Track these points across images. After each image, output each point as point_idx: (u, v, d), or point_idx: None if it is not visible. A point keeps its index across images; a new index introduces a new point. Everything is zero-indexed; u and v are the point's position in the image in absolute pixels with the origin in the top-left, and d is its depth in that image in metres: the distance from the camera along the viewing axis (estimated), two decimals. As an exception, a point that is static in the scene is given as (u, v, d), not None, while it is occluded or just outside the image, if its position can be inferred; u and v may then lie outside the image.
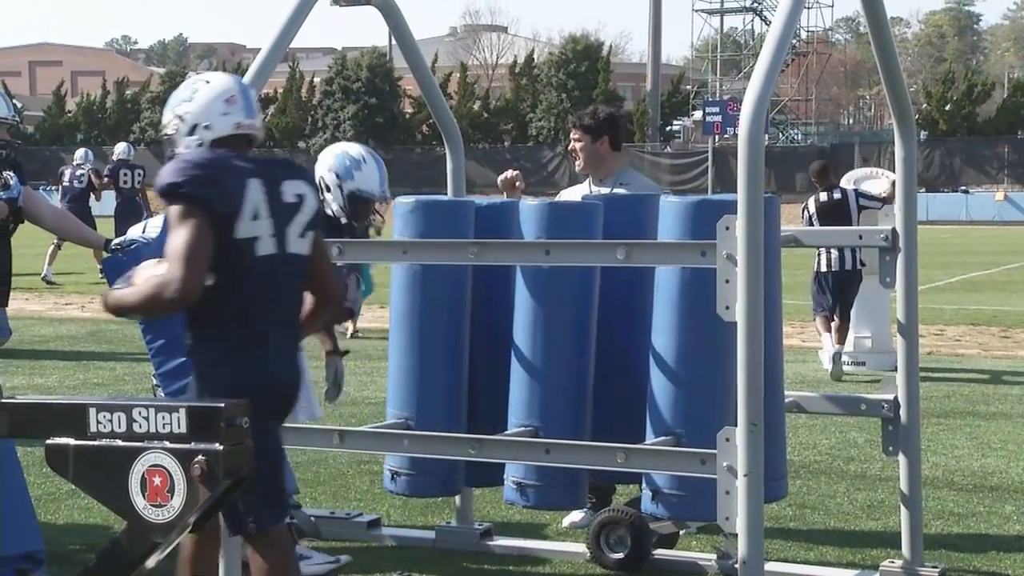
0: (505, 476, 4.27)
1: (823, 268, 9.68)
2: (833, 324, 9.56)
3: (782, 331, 4.27)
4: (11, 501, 4.28)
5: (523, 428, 4.06)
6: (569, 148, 5.21)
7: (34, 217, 5.26)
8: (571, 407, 4.11)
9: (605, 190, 5.04)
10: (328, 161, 4.66)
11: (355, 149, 4.68)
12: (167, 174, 3.24)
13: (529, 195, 5.16)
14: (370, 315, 13.81)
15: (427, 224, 4.18)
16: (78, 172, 16.36)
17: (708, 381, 3.91)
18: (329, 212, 4.55)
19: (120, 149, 17.21)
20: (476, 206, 4.44)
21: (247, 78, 3.96)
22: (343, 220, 4.59)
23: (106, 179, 16.67)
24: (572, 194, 5.27)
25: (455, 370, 4.31)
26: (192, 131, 3.34)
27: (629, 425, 4.20)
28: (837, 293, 9.58)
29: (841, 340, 9.56)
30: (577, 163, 5.20)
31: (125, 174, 16.69)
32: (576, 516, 5.02)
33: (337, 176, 4.60)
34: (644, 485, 4.07)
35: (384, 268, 4.73)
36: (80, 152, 17.18)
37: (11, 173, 4.69)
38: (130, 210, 16.31)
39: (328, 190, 4.59)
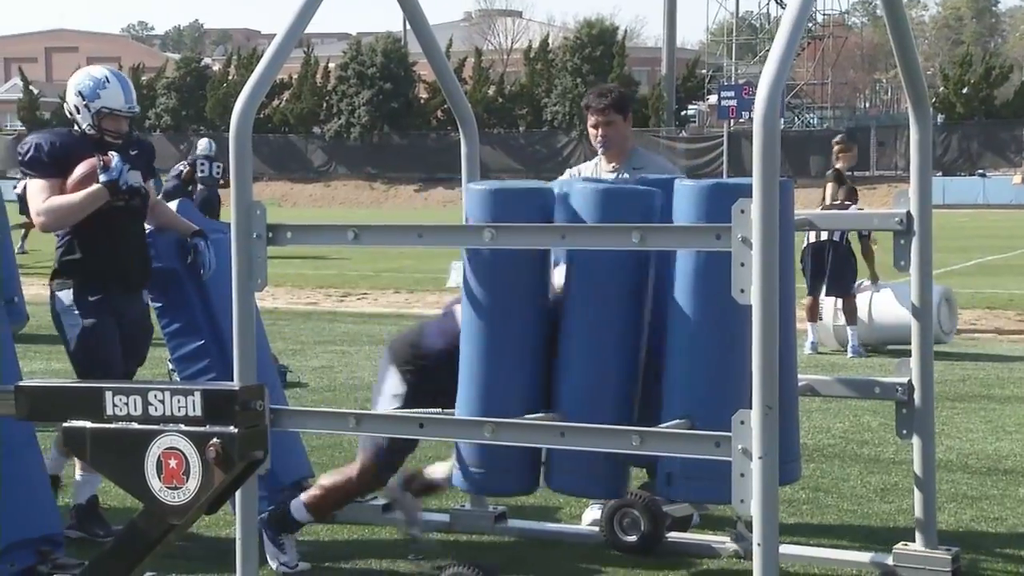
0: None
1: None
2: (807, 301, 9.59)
3: (795, 314, 4.25)
4: (30, 484, 4.32)
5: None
6: (600, 132, 5.00)
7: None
8: (616, 395, 4.01)
9: (613, 175, 4.99)
10: (73, 85, 4.82)
11: (98, 71, 4.85)
12: None
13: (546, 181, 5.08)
14: (384, 300, 13.86)
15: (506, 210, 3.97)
16: (215, 166, 17.96)
17: (723, 364, 3.88)
18: (83, 131, 4.75)
19: (202, 145, 18.40)
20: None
21: (262, 64, 3.97)
22: (94, 135, 4.75)
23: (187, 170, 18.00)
24: (584, 172, 5.19)
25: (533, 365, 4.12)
26: None
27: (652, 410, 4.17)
28: (813, 266, 9.58)
29: (812, 317, 9.60)
30: (602, 146, 5.03)
31: (202, 164, 18.06)
32: (596, 513, 5.02)
33: (83, 97, 4.76)
34: (658, 468, 4.07)
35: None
36: (204, 142, 18.52)
37: (115, 153, 4.70)
38: (209, 201, 17.70)
39: (78, 112, 4.78)
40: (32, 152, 4.73)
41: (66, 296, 4.79)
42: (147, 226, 5.28)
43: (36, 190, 4.73)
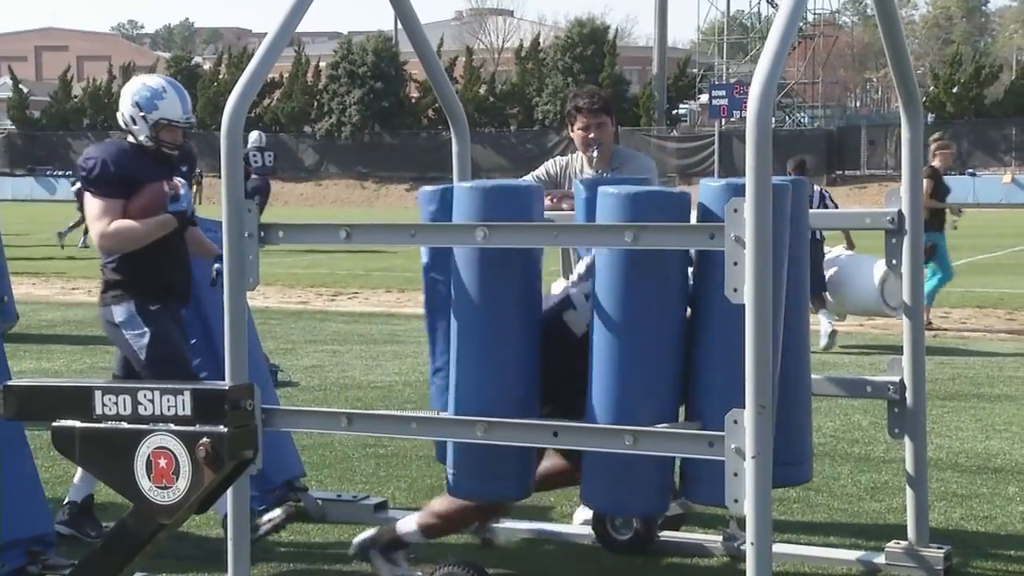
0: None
1: None
2: None
3: (808, 316, 4.21)
4: (21, 484, 4.30)
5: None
6: (592, 135, 4.96)
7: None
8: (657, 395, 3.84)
9: (594, 174, 4.98)
10: (128, 95, 4.75)
11: (154, 80, 4.77)
12: None
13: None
14: (375, 299, 13.84)
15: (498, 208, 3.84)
16: (267, 155, 20.02)
17: (724, 365, 3.82)
18: (140, 142, 4.70)
19: (253, 137, 20.11)
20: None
21: (253, 62, 3.95)
22: (151, 146, 4.70)
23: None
24: (569, 165, 5.17)
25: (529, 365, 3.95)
26: None
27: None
28: None
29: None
30: (596, 148, 4.97)
31: (255, 155, 19.86)
32: (588, 512, 5.01)
33: (140, 108, 4.69)
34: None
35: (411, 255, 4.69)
36: (255, 134, 20.34)
37: (182, 181, 4.64)
38: (260, 190, 19.36)
39: (134, 123, 4.71)
40: (99, 171, 4.63)
41: (122, 310, 4.70)
42: None
43: (99, 210, 4.63)
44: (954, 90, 40.41)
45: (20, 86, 52.39)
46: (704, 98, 43.69)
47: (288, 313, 12.39)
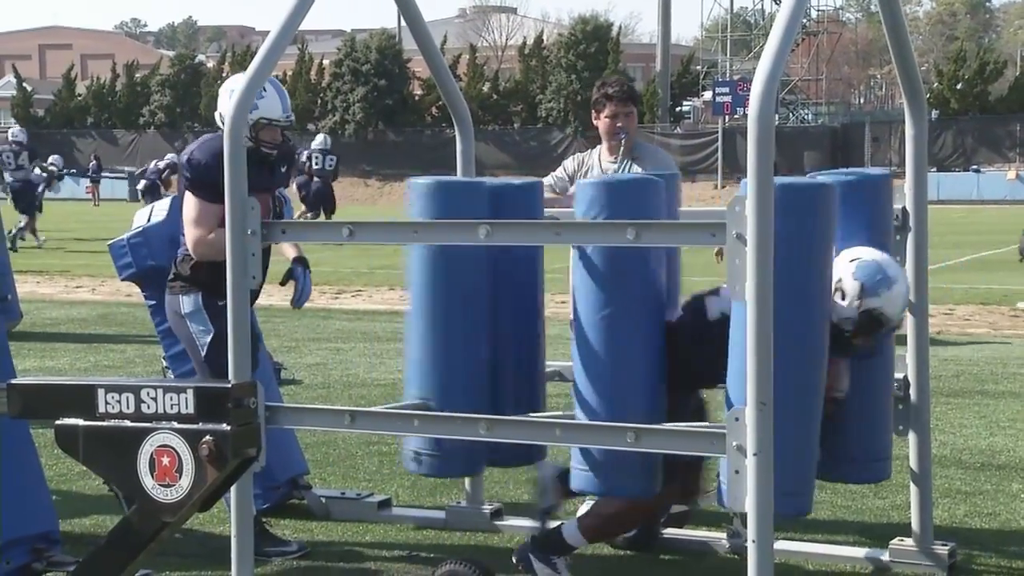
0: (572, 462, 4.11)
1: None
2: None
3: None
4: (26, 482, 4.31)
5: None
6: (619, 123, 5.04)
7: None
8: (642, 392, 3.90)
9: (614, 166, 5.02)
10: (226, 91, 4.65)
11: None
12: None
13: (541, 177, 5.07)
14: (379, 296, 13.84)
15: (442, 205, 4.05)
16: (328, 159, 20.39)
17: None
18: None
19: (318, 140, 20.88)
20: (496, 186, 4.29)
21: (256, 60, 3.95)
22: (250, 146, 4.53)
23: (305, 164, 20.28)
24: (584, 162, 5.19)
25: (476, 352, 4.21)
26: None
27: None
28: None
29: None
30: (623, 136, 5.04)
31: (317, 157, 20.32)
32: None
33: None
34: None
35: (394, 250, 4.71)
36: (320, 137, 21.11)
37: (286, 198, 4.59)
38: (322, 193, 20.11)
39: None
40: (204, 174, 4.52)
41: (190, 302, 4.68)
42: (149, 220, 5.27)
43: (199, 215, 4.56)
44: (958, 86, 40.37)
45: (24, 84, 52.48)
46: (708, 95, 43.65)
47: (291, 311, 12.38)
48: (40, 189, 21.02)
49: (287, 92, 4.78)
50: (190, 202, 4.61)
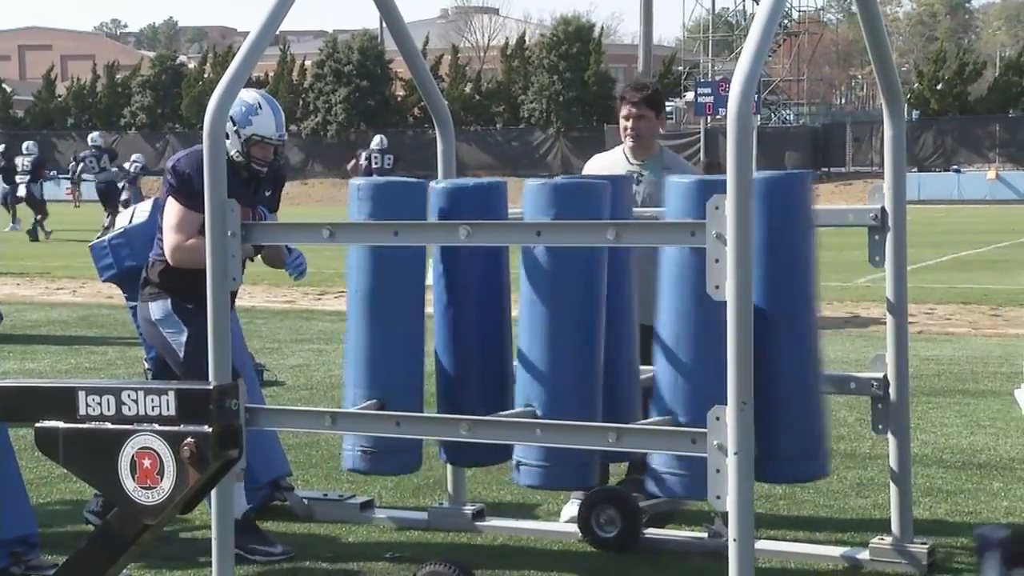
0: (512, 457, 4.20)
1: None
2: None
3: (815, 314, 4.23)
4: (4, 485, 4.28)
5: (524, 409, 4.01)
6: (631, 125, 5.10)
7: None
8: (577, 389, 4.04)
9: (646, 171, 5.05)
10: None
11: (250, 95, 4.67)
12: None
13: (523, 178, 5.14)
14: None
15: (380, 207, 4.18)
16: (387, 158, 21.37)
17: (709, 362, 3.89)
18: (230, 156, 4.55)
19: (376, 141, 21.79)
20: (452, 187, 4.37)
21: (236, 61, 3.95)
22: (240, 161, 4.62)
23: (362, 164, 21.12)
24: (606, 164, 5.20)
25: (418, 351, 4.29)
26: None
27: (625, 406, 4.20)
28: None
29: None
30: (632, 138, 5.11)
31: (376, 157, 21.37)
32: (573, 509, 5.02)
33: (233, 122, 4.60)
34: (648, 466, 4.05)
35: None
36: (378, 138, 22.07)
37: (266, 212, 4.60)
38: None
39: (227, 136, 4.55)
40: (187, 182, 4.53)
41: (159, 308, 4.68)
42: (130, 221, 5.26)
43: (178, 221, 4.56)
44: (938, 87, 40.51)
45: (3, 85, 52.17)
46: (690, 95, 43.70)
47: (274, 312, 12.37)
48: (123, 187, 22.63)
49: (277, 103, 4.76)
50: (172, 208, 4.61)
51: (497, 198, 4.24)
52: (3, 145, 25.62)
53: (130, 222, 5.35)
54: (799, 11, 46.53)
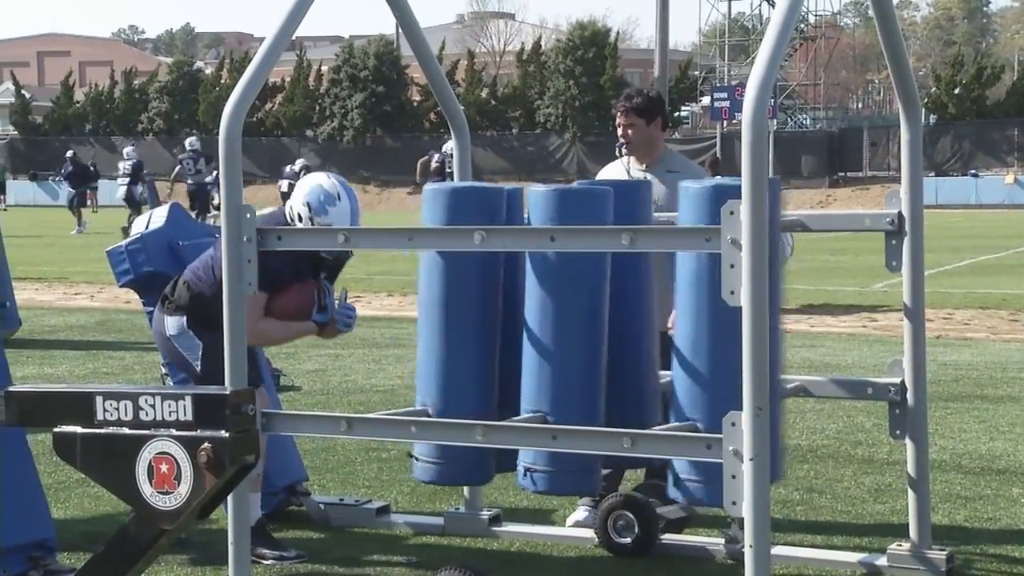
0: (518, 462, 4.24)
1: None
2: None
3: (779, 315, 4.24)
4: (22, 490, 4.30)
5: (533, 415, 4.05)
6: (621, 133, 5.17)
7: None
8: (582, 394, 4.07)
9: (650, 175, 5.05)
10: (302, 194, 4.59)
11: (330, 183, 4.60)
12: None
13: (539, 183, 5.16)
14: (377, 303, 13.84)
15: (455, 210, 4.14)
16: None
17: (724, 368, 3.89)
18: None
19: (448, 146, 21.07)
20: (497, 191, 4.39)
21: (251, 66, 3.96)
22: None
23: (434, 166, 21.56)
24: (611, 173, 5.24)
25: (485, 358, 4.28)
26: None
27: (637, 412, 4.21)
28: None
29: None
30: (623, 146, 5.20)
31: (450, 160, 20.59)
32: (580, 515, 5.02)
33: (310, 209, 4.55)
34: (669, 472, 4.06)
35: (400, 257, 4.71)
36: (450, 143, 22.94)
37: (330, 288, 4.69)
38: None
39: (300, 220, 4.55)
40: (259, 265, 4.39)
41: (174, 323, 4.68)
42: (147, 227, 5.26)
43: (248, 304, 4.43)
44: (956, 91, 40.39)
45: (22, 91, 52.45)
46: (706, 100, 43.68)
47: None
48: (214, 189, 23.79)
49: (355, 192, 4.69)
50: None
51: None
52: (71, 151, 27.35)
53: (147, 227, 5.36)
54: (816, 15, 46.47)
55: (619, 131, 5.20)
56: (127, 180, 25.75)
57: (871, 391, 4.47)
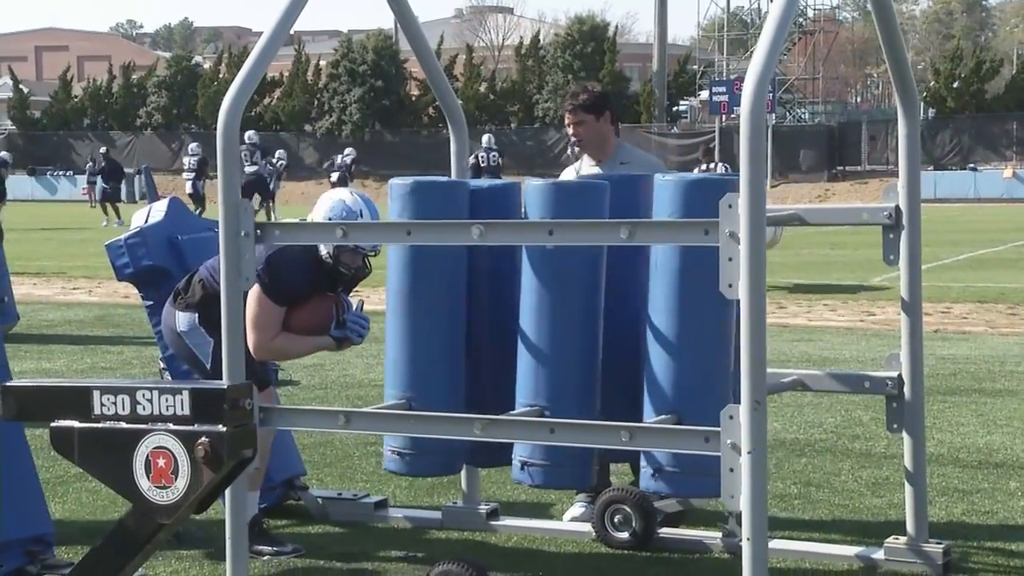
0: (512, 456, 4.27)
1: None
2: None
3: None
4: (20, 484, 4.31)
5: (529, 408, 4.07)
6: (572, 132, 5.19)
7: None
8: (578, 387, 4.11)
9: (603, 171, 5.05)
10: (324, 209, 4.57)
11: (352, 199, 4.58)
12: None
13: (536, 177, 5.19)
14: (376, 297, 13.84)
15: (424, 206, 4.20)
16: (492, 155, 23.47)
17: (707, 360, 3.93)
18: (318, 255, 4.54)
19: (486, 139, 23.82)
20: (475, 187, 4.45)
21: (249, 61, 3.96)
22: (328, 263, 4.55)
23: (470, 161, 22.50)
24: (567, 175, 5.28)
25: (454, 351, 4.32)
26: None
27: (631, 405, 4.22)
28: None
29: None
30: (575, 145, 5.21)
31: (483, 155, 23.23)
32: (576, 511, 5.03)
33: None
34: (644, 463, 4.09)
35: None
36: (487, 136, 24.07)
37: (350, 303, 4.67)
38: None
39: None
40: (271, 277, 4.44)
41: (185, 320, 4.67)
42: (146, 221, 5.26)
43: (262, 318, 4.46)
44: (955, 85, 40.35)
45: (20, 86, 52.37)
46: (704, 95, 43.63)
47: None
48: (271, 180, 25.22)
49: (378, 210, 4.63)
50: (258, 301, 4.48)
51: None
52: (105, 148, 27.78)
53: (146, 221, 5.36)
54: (814, 9, 46.41)
55: (569, 130, 5.20)
56: (192, 176, 26.10)
57: (868, 385, 4.48)
